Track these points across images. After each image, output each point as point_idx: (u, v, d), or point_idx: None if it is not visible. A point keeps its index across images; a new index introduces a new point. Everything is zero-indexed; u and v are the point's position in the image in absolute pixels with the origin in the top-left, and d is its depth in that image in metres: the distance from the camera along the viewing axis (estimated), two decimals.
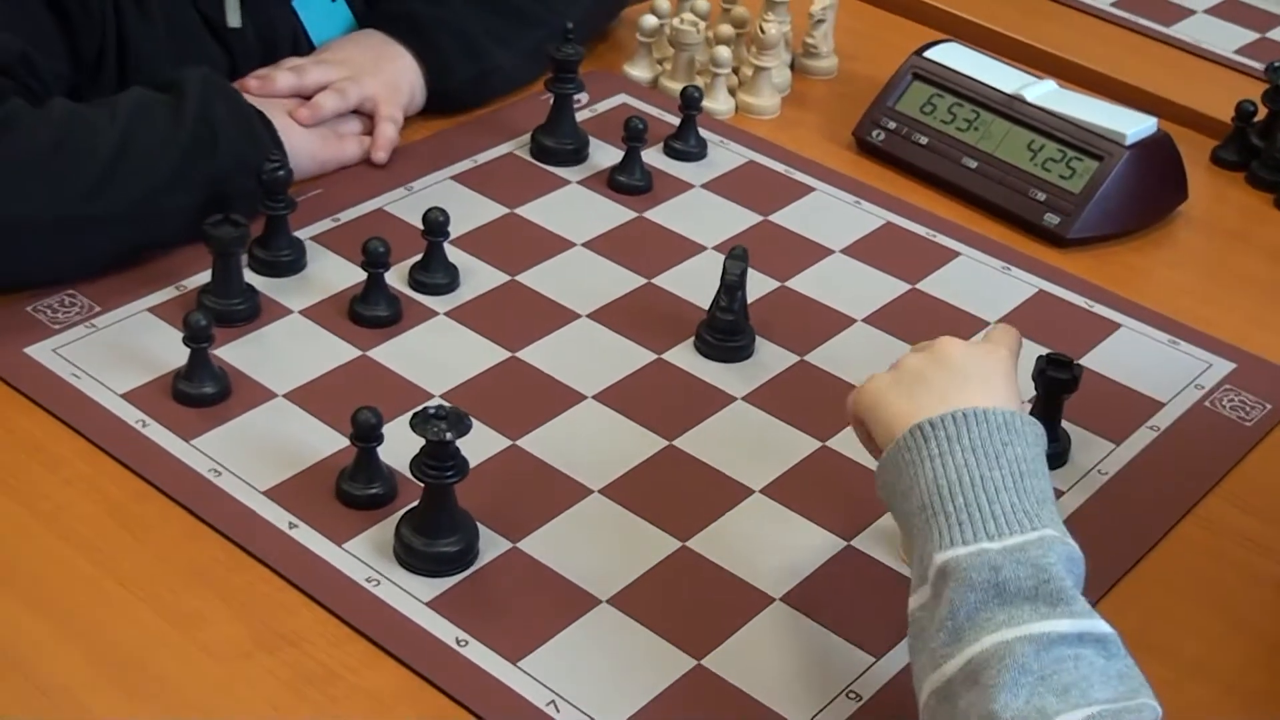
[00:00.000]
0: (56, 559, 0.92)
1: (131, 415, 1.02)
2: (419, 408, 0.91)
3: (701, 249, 1.24)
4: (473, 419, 0.92)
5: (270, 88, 1.25)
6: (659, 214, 1.28)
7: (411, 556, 0.92)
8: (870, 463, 1.02)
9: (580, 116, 1.37)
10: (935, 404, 0.83)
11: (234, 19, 1.27)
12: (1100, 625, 0.75)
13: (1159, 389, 1.13)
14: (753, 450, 1.04)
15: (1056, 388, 1.04)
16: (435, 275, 1.16)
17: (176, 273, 1.14)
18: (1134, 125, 1.30)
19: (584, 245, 1.23)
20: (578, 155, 1.33)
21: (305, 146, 1.24)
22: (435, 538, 0.92)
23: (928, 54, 1.40)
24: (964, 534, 0.77)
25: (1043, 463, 0.83)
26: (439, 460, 0.91)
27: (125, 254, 1.13)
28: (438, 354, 1.10)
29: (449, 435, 0.89)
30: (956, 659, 0.74)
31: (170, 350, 1.06)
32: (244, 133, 1.16)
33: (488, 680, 0.87)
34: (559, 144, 1.33)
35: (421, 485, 0.92)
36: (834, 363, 1.13)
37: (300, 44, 1.34)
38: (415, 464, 0.91)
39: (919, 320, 1.18)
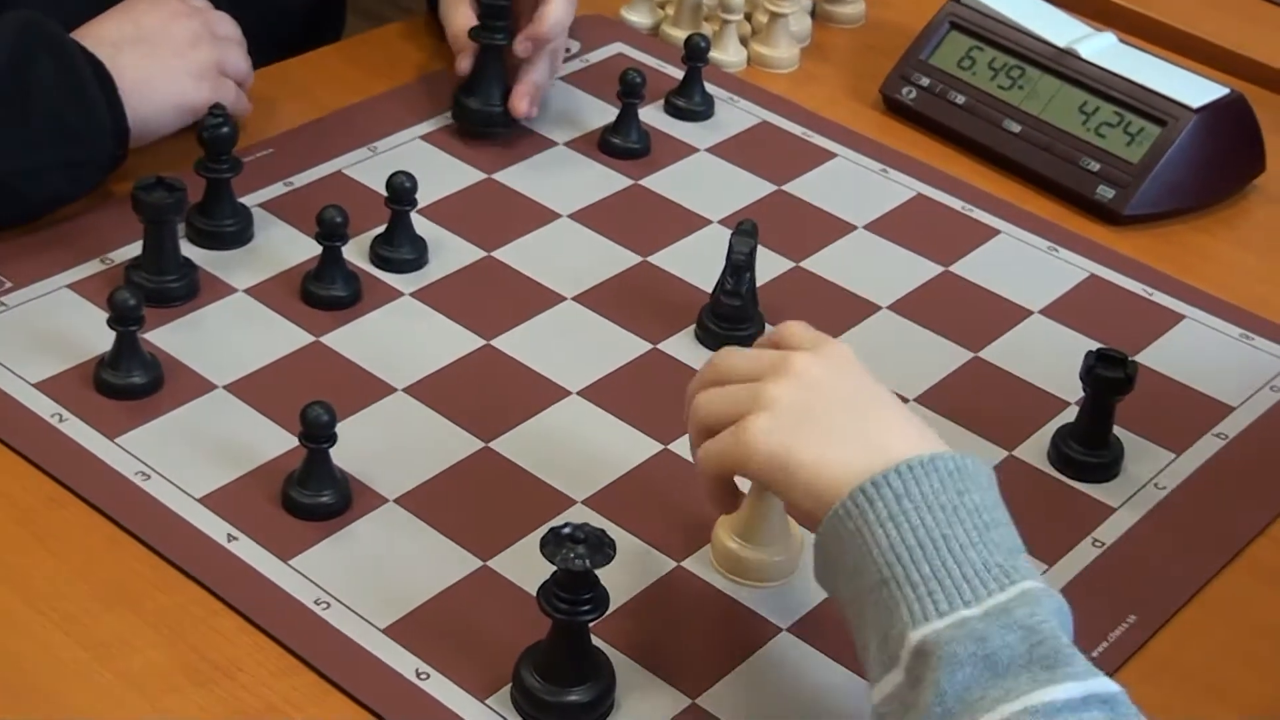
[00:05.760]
0: None
1: (46, 408, 1.01)
2: (551, 526, 0.84)
3: (706, 222, 1.23)
4: (606, 534, 0.84)
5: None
6: (657, 181, 1.28)
7: (533, 706, 0.87)
8: None
9: (570, 68, 1.37)
10: (853, 449, 0.82)
11: None
12: (1105, 684, 0.73)
13: (1228, 390, 1.13)
14: None
15: (1108, 388, 1.03)
16: (400, 250, 1.15)
17: (102, 244, 1.14)
18: (1204, 87, 1.30)
19: (570, 217, 1.23)
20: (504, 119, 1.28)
21: (157, 99, 1.15)
22: (566, 685, 0.87)
23: None
24: (937, 604, 0.75)
25: (1002, 507, 0.81)
26: (573, 592, 0.85)
27: None
28: (401, 341, 1.10)
29: (587, 563, 0.84)
30: None
31: (93, 333, 1.05)
32: (70, 92, 1.10)
33: None
34: (485, 106, 1.28)
35: (550, 620, 0.86)
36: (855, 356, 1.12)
37: None
38: (544, 593, 0.85)
39: (952, 307, 1.18)
